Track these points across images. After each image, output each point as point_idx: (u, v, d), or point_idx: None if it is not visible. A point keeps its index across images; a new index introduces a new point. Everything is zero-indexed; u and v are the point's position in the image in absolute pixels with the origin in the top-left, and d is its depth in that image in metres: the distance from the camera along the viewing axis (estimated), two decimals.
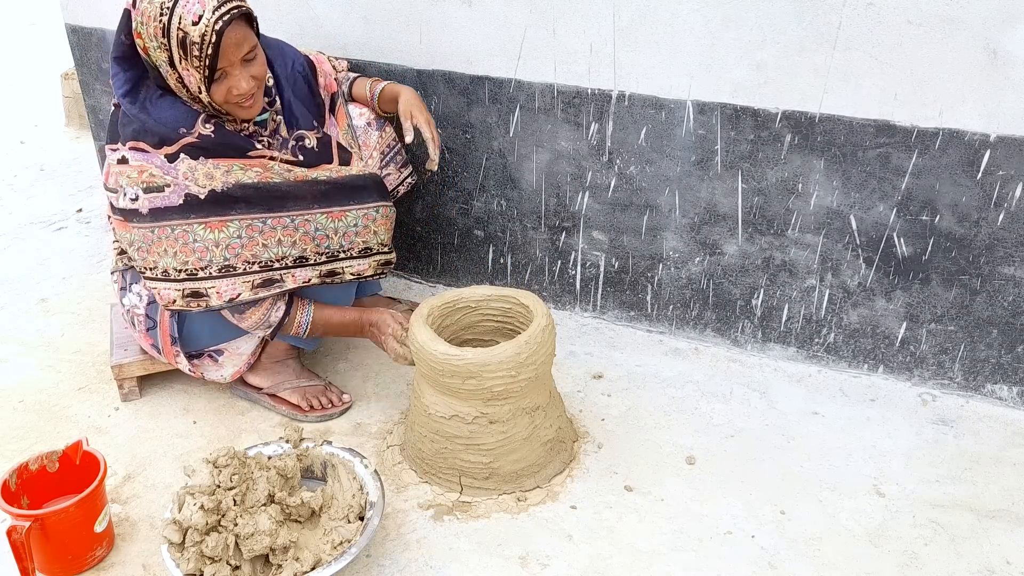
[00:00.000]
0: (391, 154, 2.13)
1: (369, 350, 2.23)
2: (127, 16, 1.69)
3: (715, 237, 2.11)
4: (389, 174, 2.14)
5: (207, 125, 1.73)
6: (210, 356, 1.95)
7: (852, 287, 2.03)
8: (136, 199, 1.71)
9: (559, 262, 2.34)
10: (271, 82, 1.89)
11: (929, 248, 1.92)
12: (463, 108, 2.25)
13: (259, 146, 1.80)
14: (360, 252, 1.90)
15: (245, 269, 1.76)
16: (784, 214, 2.02)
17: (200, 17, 1.59)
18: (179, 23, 1.60)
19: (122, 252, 1.93)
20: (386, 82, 2.11)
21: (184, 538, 1.47)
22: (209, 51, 1.61)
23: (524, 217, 2.32)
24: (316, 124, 1.93)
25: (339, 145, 1.94)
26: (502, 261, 2.42)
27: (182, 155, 1.70)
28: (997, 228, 1.84)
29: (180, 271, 1.74)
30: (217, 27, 1.60)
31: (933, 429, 1.93)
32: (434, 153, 1.96)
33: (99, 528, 1.59)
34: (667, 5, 1.91)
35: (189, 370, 1.95)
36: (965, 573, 1.56)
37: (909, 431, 1.92)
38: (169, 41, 1.62)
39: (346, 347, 2.26)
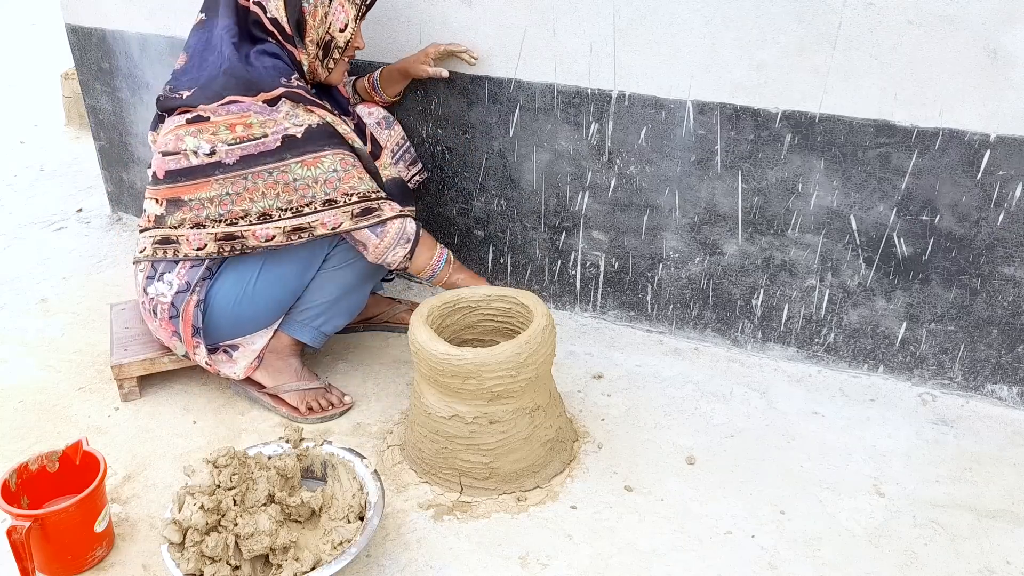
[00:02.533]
0: (400, 152, 2.20)
1: (369, 350, 2.23)
2: None
3: (715, 237, 2.11)
4: (399, 171, 2.20)
5: (302, 81, 1.84)
6: (225, 351, 1.96)
7: (852, 287, 2.03)
8: (213, 153, 1.74)
9: (559, 262, 2.34)
10: None
11: (929, 248, 1.92)
12: (463, 108, 2.25)
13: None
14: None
15: (345, 201, 1.81)
16: (784, 214, 2.02)
17: None
18: None
19: (163, 241, 1.88)
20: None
21: (184, 538, 1.47)
22: None
23: (524, 217, 2.32)
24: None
25: (372, 137, 2.05)
26: (502, 261, 2.42)
27: (283, 99, 1.76)
28: (997, 228, 1.84)
29: (285, 210, 1.78)
30: None
31: (933, 429, 1.93)
32: (463, 52, 2.14)
33: (99, 528, 1.59)
34: (667, 5, 1.91)
35: (206, 363, 1.95)
36: (965, 573, 1.56)
37: (909, 431, 1.92)
38: None
39: (346, 347, 2.26)
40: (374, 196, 1.84)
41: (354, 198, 1.81)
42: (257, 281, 1.88)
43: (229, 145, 1.73)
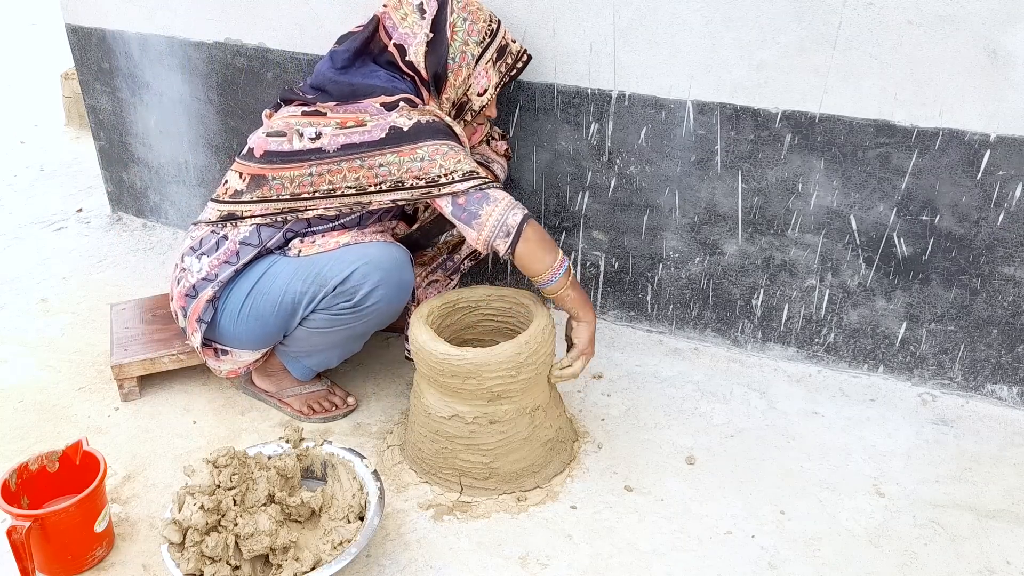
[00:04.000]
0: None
1: (368, 350, 2.23)
2: (435, 11, 1.80)
3: (715, 237, 2.11)
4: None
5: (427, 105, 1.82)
6: (215, 349, 1.95)
7: (852, 287, 2.03)
8: (318, 137, 1.73)
9: None
10: None
11: (929, 248, 1.92)
12: None
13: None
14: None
15: (412, 184, 1.74)
16: (784, 214, 2.02)
17: (515, 41, 1.92)
18: (504, 35, 1.89)
19: (227, 217, 1.85)
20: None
21: (184, 538, 1.47)
22: (519, 65, 1.91)
23: None
24: None
25: None
26: (502, 261, 2.42)
27: (401, 103, 1.75)
28: (997, 228, 1.84)
29: (351, 188, 1.75)
30: (527, 54, 1.93)
31: (933, 429, 1.93)
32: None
33: (99, 528, 1.59)
34: (667, 5, 1.91)
35: (198, 348, 1.94)
36: (965, 573, 1.56)
37: (909, 431, 1.92)
38: (492, 41, 1.86)
39: None
40: (444, 180, 1.72)
41: (422, 182, 1.74)
42: (245, 310, 1.86)
43: (335, 130, 1.73)
